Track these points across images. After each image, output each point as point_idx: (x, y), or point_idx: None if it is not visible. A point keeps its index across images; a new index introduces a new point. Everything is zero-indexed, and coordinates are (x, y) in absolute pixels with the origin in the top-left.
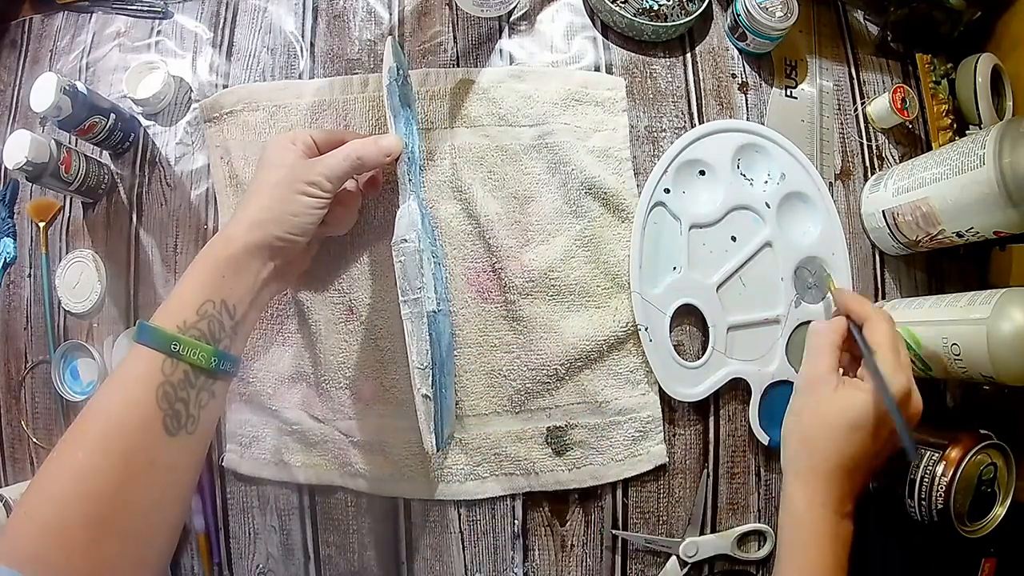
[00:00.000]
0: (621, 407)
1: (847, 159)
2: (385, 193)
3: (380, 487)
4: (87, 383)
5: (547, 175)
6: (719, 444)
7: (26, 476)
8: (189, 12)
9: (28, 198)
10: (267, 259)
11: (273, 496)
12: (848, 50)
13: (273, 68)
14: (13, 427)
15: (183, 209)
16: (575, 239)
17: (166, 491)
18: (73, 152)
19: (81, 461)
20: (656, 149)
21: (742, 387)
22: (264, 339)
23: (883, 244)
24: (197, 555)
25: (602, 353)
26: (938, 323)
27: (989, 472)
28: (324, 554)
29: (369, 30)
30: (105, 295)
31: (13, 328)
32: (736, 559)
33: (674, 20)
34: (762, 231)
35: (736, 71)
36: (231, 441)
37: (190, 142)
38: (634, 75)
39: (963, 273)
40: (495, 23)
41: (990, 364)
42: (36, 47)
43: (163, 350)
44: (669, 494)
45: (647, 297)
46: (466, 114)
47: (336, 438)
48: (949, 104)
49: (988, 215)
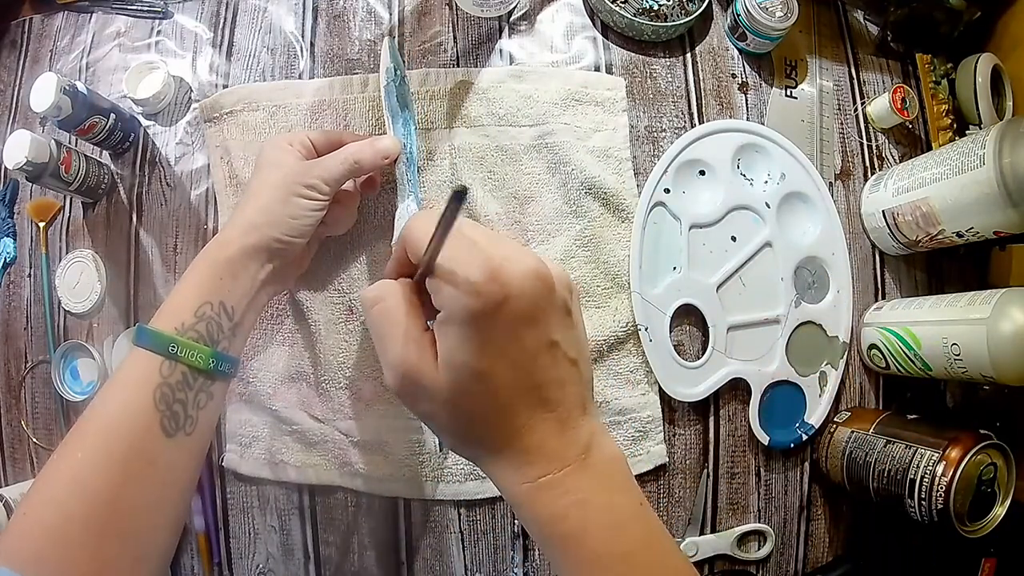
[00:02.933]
0: (621, 407)
1: (847, 159)
2: (384, 193)
3: (380, 487)
4: (87, 383)
5: (547, 175)
6: (719, 444)
7: (26, 476)
8: (189, 12)
9: (28, 198)
10: (265, 261)
11: (273, 496)
12: (848, 50)
13: (273, 68)
14: (13, 427)
15: (183, 209)
16: (575, 239)
17: (165, 492)
18: (73, 152)
19: (80, 463)
20: (656, 149)
21: (742, 387)
22: (264, 339)
23: (883, 244)
24: (197, 555)
25: (602, 353)
26: (938, 323)
27: (989, 472)
28: (324, 554)
29: (369, 30)
30: (105, 295)
31: (13, 328)
32: (736, 559)
33: (674, 20)
34: (762, 231)
35: (736, 71)
36: (231, 441)
37: (190, 142)
38: (634, 75)
39: (963, 273)
40: (495, 23)
41: (990, 364)
42: (36, 47)
43: (161, 352)
44: (669, 494)
45: (647, 297)
46: (466, 114)
47: (336, 438)
48: (949, 104)
49: (988, 215)
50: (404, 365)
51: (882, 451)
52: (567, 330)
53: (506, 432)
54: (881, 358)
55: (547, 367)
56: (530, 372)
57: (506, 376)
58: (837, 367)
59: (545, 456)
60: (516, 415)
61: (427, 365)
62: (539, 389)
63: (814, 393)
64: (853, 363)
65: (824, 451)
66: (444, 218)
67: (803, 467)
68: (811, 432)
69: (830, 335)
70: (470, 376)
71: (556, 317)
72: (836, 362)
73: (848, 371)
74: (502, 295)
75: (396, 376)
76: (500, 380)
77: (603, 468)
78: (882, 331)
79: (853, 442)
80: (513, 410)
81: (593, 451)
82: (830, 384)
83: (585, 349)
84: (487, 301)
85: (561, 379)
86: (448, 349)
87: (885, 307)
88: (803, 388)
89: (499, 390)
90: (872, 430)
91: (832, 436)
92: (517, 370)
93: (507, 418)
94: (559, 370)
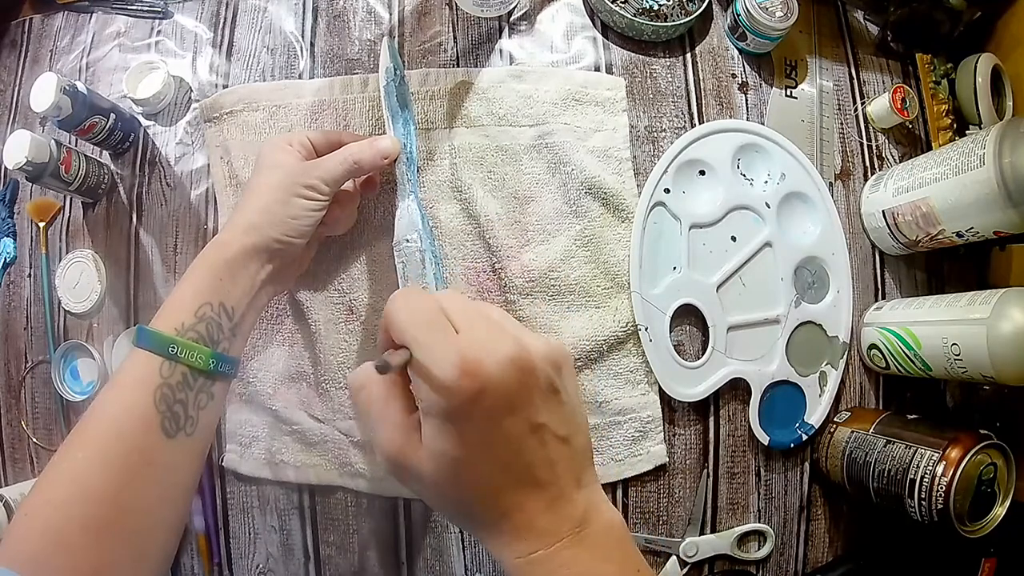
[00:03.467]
0: (621, 407)
1: (847, 159)
2: (384, 193)
3: (380, 487)
4: (87, 383)
5: (547, 175)
6: (719, 444)
7: (26, 476)
8: (189, 12)
9: (28, 198)
10: (265, 261)
11: (273, 496)
12: (848, 50)
13: (273, 68)
14: (13, 427)
15: (183, 209)
16: (575, 239)
17: (166, 492)
18: (73, 152)
19: (81, 464)
20: (656, 149)
21: (742, 387)
22: (264, 339)
23: (883, 244)
24: (197, 555)
25: (602, 353)
26: (938, 323)
27: (989, 472)
28: (324, 554)
29: (369, 30)
30: (105, 295)
31: (13, 328)
32: (736, 559)
33: (674, 20)
34: (762, 231)
35: (736, 71)
36: (231, 441)
37: (190, 142)
38: (634, 75)
39: (963, 273)
40: (495, 23)
41: (990, 364)
42: (36, 47)
43: (161, 353)
44: (669, 494)
45: (647, 297)
46: (466, 114)
47: (336, 438)
48: (949, 104)
49: (988, 215)
50: (390, 451)
51: (882, 451)
52: (554, 410)
53: (494, 513)
54: (881, 358)
55: (534, 450)
56: (515, 457)
57: (489, 464)
58: (837, 367)
59: (535, 533)
60: (502, 498)
61: (412, 449)
62: (527, 471)
63: (814, 393)
64: (853, 363)
65: (824, 451)
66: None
67: (803, 467)
68: (811, 432)
69: (830, 335)
70: (451, 464)
71: (540, 399)
72: (836, 362)
73: (848, 371)
74: (476, 389)
75: (384, 459)
76: (482, 468)
77: (599, 539)
78: (882, 331)
79: (853, 442)
80: (499, 494)
81: (590, 523)
82: (830, 384)
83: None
84: (462, 398)
85: (550, 459)
86: (429, 438)
87: (885, 307)
88: (803, 388)
89: (482, 477)
90: (872, 430)
91: (832, 436)
92: (500, 457)
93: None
94: (547, 451)
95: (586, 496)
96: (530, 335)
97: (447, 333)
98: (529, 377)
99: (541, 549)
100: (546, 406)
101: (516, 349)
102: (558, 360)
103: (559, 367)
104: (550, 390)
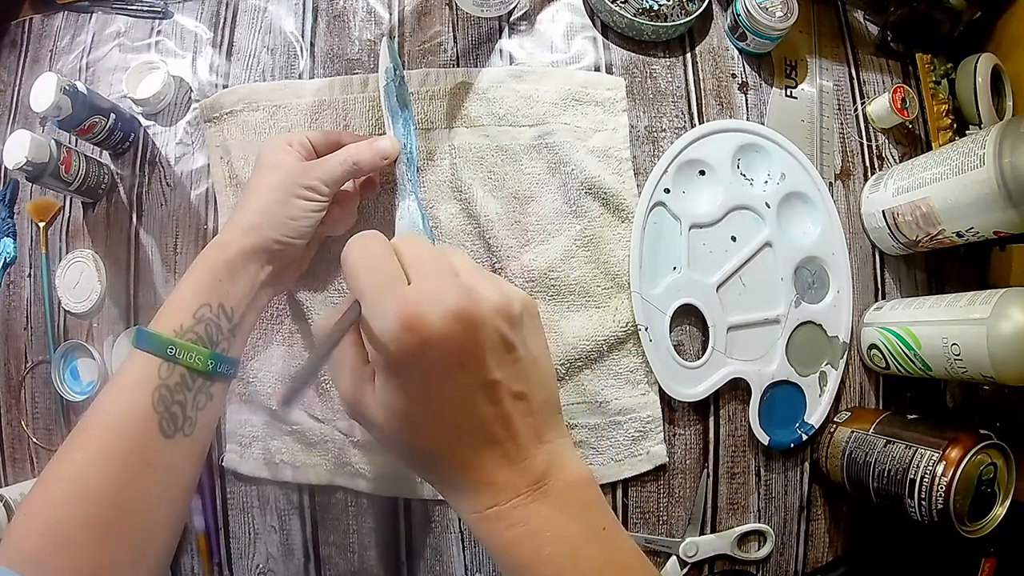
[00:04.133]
0: (621, 407)
1: (847, 159)
2: (384, 193)
3: (380, 487)
4: (87, 383)
5: (547, 175)
6: (719, 444)
7: (26, 476)
8: (189, 12)
9: (28, 198)
10: (264, 262)
11: (273, 496)
12: (848, 50)
13: (273, 68)
14: (13, 427)
15: (183, 209)
16: (575, 239)
17: (165, 492)
18: (73, 152)
19: (80, 464)
20: (656, 149)
21: (742, 387)
22: (264, 339)
23: (883, 244)
24: (197, 555)
25: (602, 353)
26: (938, 323)
27: (989, 472)
28: (324, 554)
29: (369, 30)
30: (105, 295)
31: (13, 328)
32: (736, 559)
33: (674, 20)
34: (762, 231)
35: (736, 71)
36: (231, 441)
37: (190, 142)
38: (634, 75)
39: (963, 273)
40: (495, 23)
41: (990, 364)
42: (36, 47)
43: (160, 354)
44: (669, 494)
45: (647, 297)
46: (466, 114)
47: (336, 438)
48: (949, 104)
49: (988, 215)
50: (346, 396)
51: (882, 451)
52: (508, 365)
53: (449, 467)
54: (881, 358)
55: (485, 406)
56: (465, 414)
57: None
58: (837, 367)
59: (492, 488)
60: (456, 453)
61: (368, 398)
62: (480, 428)
63: (814, 393)
64: (853, 363)
65: (824, 451)
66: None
67: (803, 467)
68: (811, 432)
69: (830, 335)
70: (399, 417)
71: (490, 354)
72: (836, 362)
73: (848, 371)
74: (417, 343)
75: (345, 404)
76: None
77: (561, 495)
78: (882, 331)
79: (853, 442)
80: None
81: (551, 479)
82: (830, 384)
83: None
84: (403, 353)
85: (505, 415)
86: (378, 388)
87: (885, 307)
88: (803, 388)
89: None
90: (872, 430)
91: (832, 436)
92: (448, 413)
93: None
94: (502, 407)
95: (548, 451)
96: (486, 285)
97: (395, 284)
98: (477, 331)
99: (497, 504)
100: (498, 362)
101: (463, 302)
102: (511, 312)
103: (513, 320)
104: (502, 345)
